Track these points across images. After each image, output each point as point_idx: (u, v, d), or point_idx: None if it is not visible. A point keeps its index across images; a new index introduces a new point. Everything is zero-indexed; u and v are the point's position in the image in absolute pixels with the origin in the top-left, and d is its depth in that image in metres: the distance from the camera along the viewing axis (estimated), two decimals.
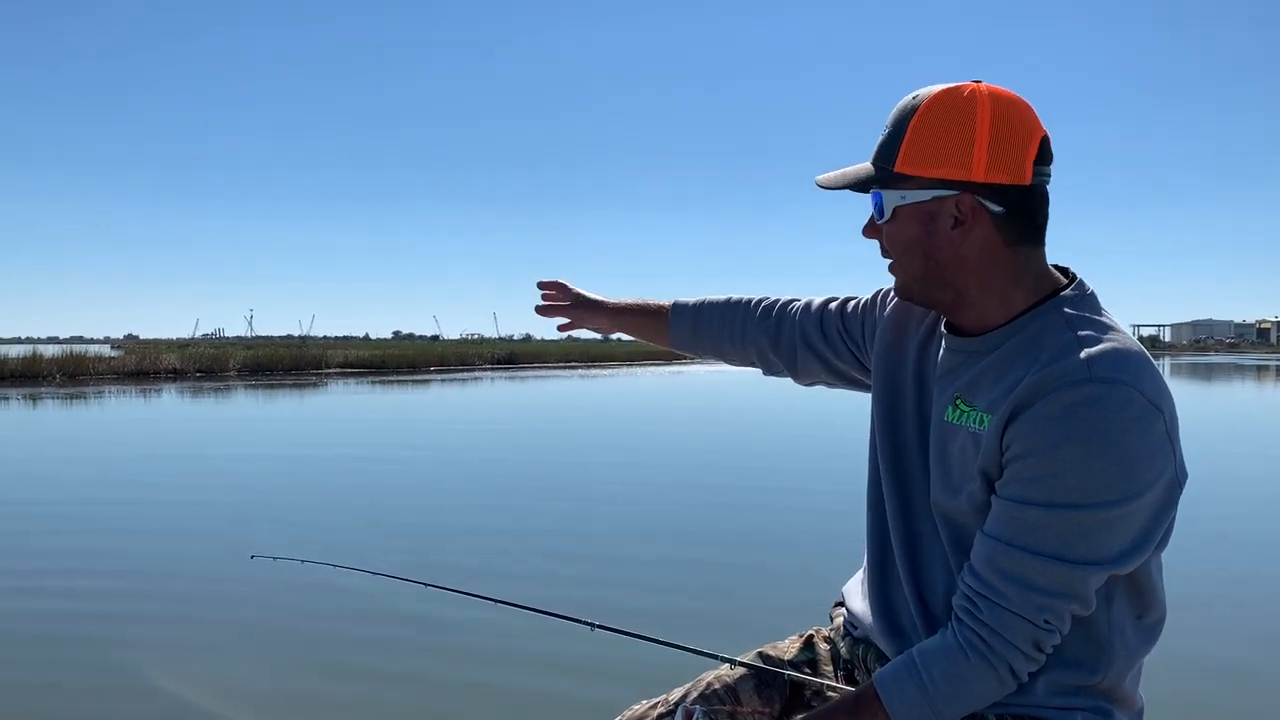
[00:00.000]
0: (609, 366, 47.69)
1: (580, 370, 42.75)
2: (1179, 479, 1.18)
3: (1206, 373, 42.68)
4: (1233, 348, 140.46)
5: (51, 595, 5.25)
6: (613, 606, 4.76)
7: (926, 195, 1.24)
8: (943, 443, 1.29)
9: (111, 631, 4.59)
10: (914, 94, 1.26)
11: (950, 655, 1.19)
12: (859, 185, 1.30)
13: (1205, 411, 19.64)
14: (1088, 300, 1.25)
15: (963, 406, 1.26)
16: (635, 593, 5.12)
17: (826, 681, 1.44)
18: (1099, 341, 1.16)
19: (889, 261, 1.33)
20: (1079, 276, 1.29)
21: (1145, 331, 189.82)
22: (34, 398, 22.75)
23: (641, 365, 48.80)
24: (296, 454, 12.04)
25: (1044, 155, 1.24)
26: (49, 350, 35.07)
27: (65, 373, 30.57)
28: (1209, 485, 8.55)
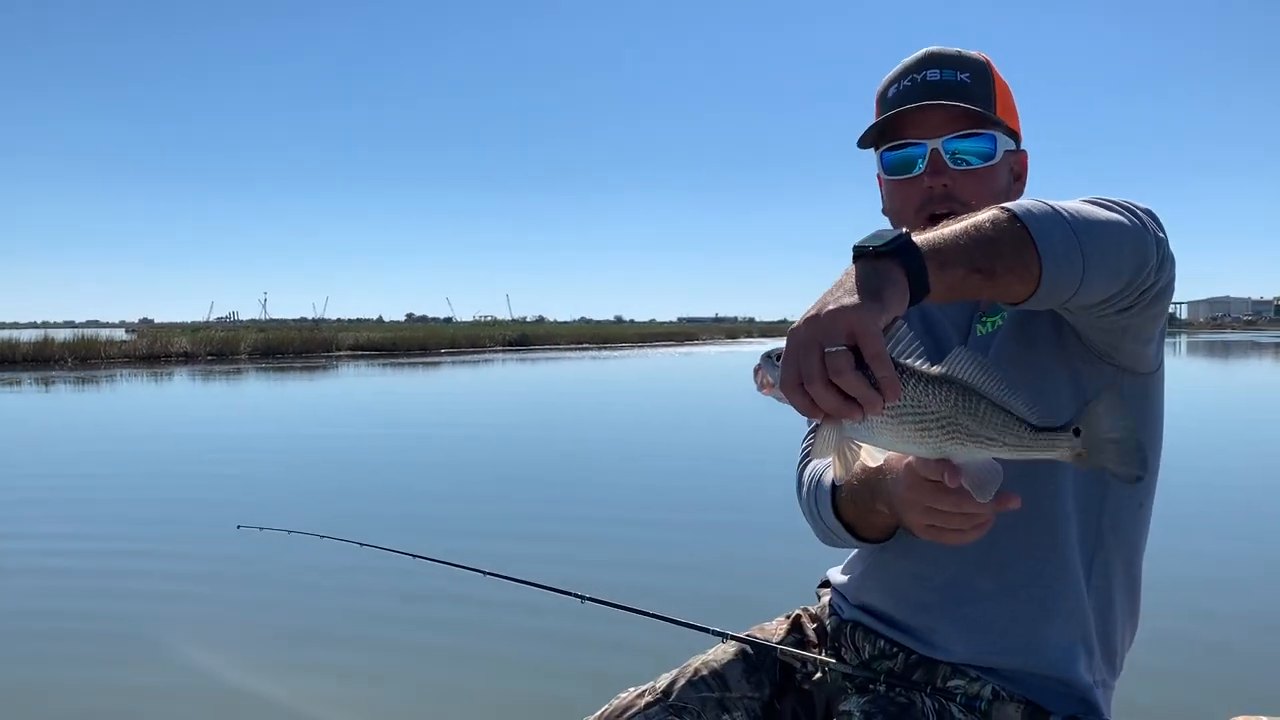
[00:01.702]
0: (620, 348, 47.64)
1: (591, 352, 42.69)
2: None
3: (1224, 350, 42.24)
4: (1250, 325, 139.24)
5: (38, 571, 5.25)
6: (602, 582, 4.66)
7: (1011, 145, 1.30)
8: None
9: (98, 603, 4.60)
10: (952, 49, 1.29)
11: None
12: (965, 120, 1.26)
13: (1230, 389, 19.33)
14: None
15: (987, 318, 1.31)
16: (625, 569, 5.07)
17: (817, 657, 1.40)
18: None
19: (947, 210, 1.21)
20: None
21: None
22: (45, 381, 22.89)
23: (652, 346, 48.72)
24: (295, 431, 12.12)
25: None
26: (62, 334, 35.24)
27: (76, 356, 30.71)
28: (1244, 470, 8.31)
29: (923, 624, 1.31)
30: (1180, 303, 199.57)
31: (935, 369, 0.86)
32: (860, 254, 0.88)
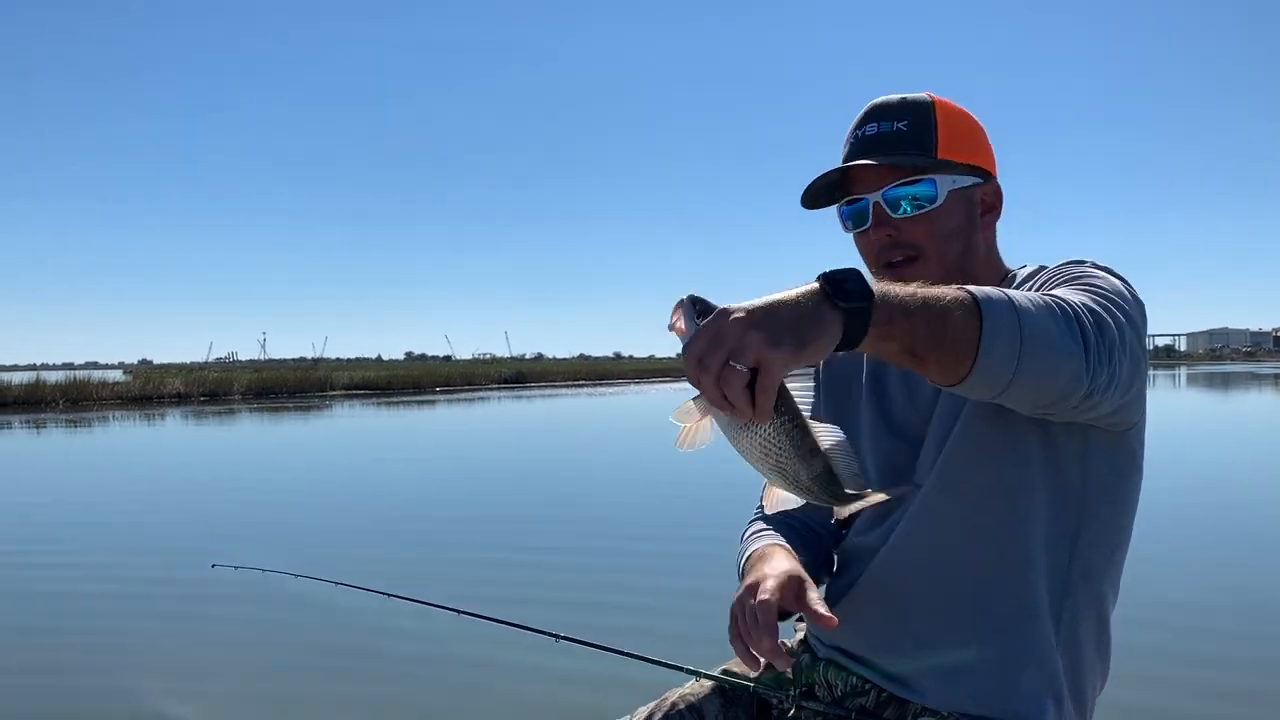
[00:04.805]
0: (616, 384, 47.52)
1: (587, 389, 42.57)
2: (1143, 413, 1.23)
3: (1223, 382, 42.19)
4: (1249, 356, 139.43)
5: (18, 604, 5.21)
6: (577, 621, 4.53)
7: (969, 181, 1.30)
8: (955, 403, 1.27)
9: (77, 640, 4.61)
10: (896, 96, 1.31)
11: (1031, 293, 1.05)
12: (901, 171, 1.29)
13: (1231, 420, 19.23)
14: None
15: None
16: (600, 608, 4.98)
17: (791, 694, 1.41)
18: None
19: (901, 261, 1.29)
20: None
21: (1160, 341, 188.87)
22: (36, 424, 22.69)
23: (649, 382, 48.63)
24: (276, 470, 12.11)
25: None
26: (57, 376, 35.10)
27: (68, 399, 30.60)
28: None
29: (892, 666, 1.32)
30: (1179, 334, 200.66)
31: (811, 423, 0.94)
32: (822, 291, 0.88)
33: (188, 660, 4.27)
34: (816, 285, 0.88)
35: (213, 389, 35.33)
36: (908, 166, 1.27)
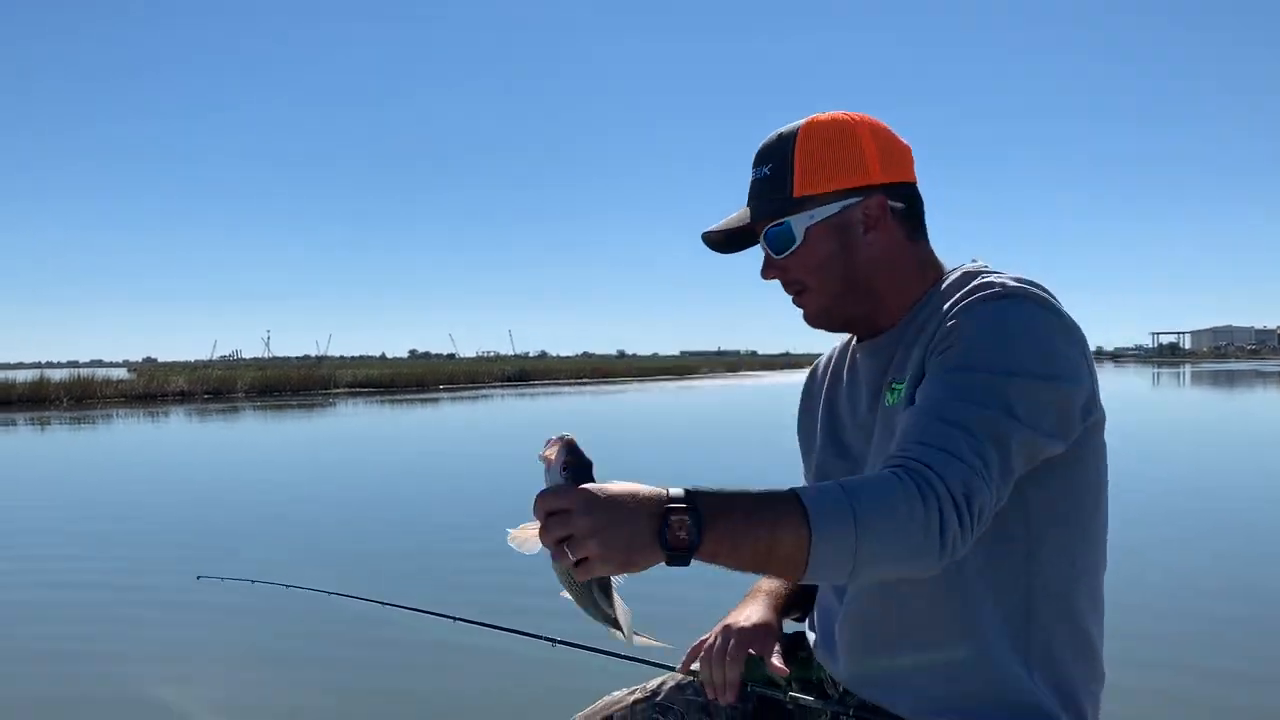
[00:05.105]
0: (619, 383, 47.51)
1: (591, 387, 42.56)
2: (1094, 404, 1.19)
3: (1228, 380, 42.07)
4: (1254, 354, 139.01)
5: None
6: (573, 626, 4.45)
7: (835, 207, 1.29)
8: (890, 428, 1.27)
9: (60, 649, 4.51)
10: (774, 134, 1.32)
11: (880, 478, 1.06)
12: (754, 226, 1.33)
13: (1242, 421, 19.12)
14: (983, 266, 1.30)
15: (896, 386, 1.29)
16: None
17: (790, 693, 1.44)
18: (1002, 276, 1.21)
19: (795, 294, 1.35)
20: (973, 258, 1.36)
21: (1165, 339, 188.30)
22: (40, 422, 22.72)
23: (652, 380, 48.60)
24: (270, 473, 12.05)
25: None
26: (62, 374, 35.15)
27: (72, 397, 30.62)
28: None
29: (874, 681, 1.33)
30: (1183, 332, 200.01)
31: (615, 593, 1.10)
32: (655, 530, 0.96)
33: (177, 668, 4.23)
34: (659, 516, 0.96)
35: (216, 387, 35.35)
36: (779, 203, 1.30)
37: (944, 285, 1.28)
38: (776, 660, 1.40)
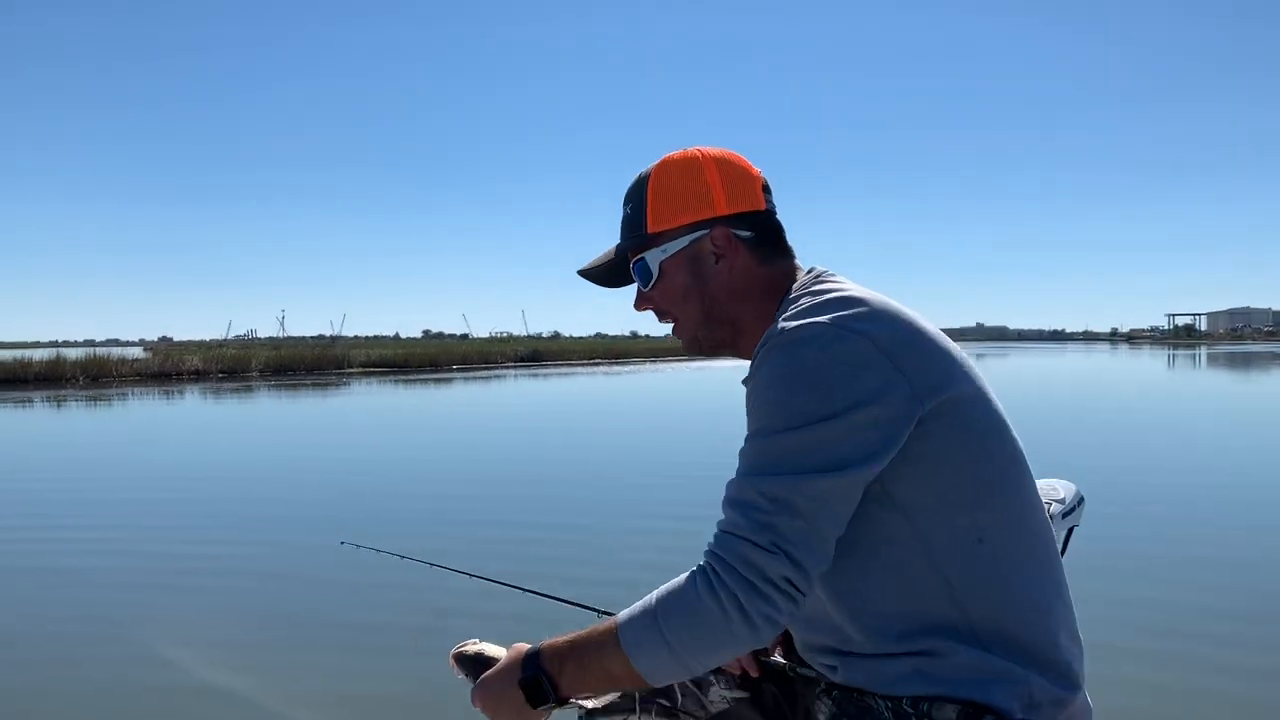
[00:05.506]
0: (631, 363, 47.50)
1: (603, 367, 42.56)
2: (916, 392, 1.16)
3: (1244, 362, 41.70)
4: (1271, 336, 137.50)
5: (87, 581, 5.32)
6: (629, 598, 4.56)
7: (685, 240, 1.36)
8: None
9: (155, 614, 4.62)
10: (637, 175, 1.40)
11: (681, 582, 1.17)
12: (622, 261, 1.42)
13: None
14: (811, 281, 1.32)
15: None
16: (649, 587, 4.91)
17: (784, 662, 1.52)
18: (797, 306, 1.24)
19: (671, 324, 1.42)
20: (814, 267, 1.38)
21: (1181, 320, 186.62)
22: (56, 400, 22.91)
23: (665, 360, 48.58)
24: (287, 451, 12.09)
25: (767, 189, 1.40)
26: (78, 353, 35.38)
27: (88, 375, 30.85)
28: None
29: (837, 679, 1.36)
30: (1199, 314, 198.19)
31: None
32: (518, 681, 1.24)
33: (217, 635, 4.40)
34: (519, 687, 1.23)
35: (231, 366, 35.52)
36: (638, 242, 1.39)
37: (784, 302, 1.31)
38: (750, 663, 1.54)
